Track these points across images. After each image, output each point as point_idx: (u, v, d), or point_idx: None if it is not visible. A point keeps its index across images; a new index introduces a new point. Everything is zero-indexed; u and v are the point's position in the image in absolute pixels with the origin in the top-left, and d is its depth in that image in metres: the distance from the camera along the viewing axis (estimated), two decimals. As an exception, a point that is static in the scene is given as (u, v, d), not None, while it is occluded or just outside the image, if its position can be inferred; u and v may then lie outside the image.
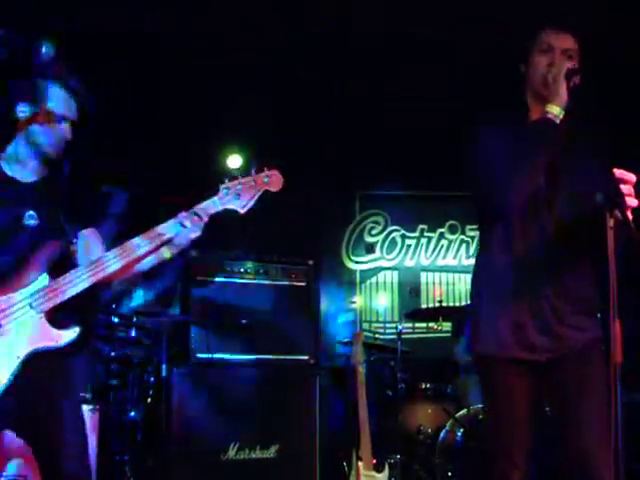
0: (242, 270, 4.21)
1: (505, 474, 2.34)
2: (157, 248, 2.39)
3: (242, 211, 2.44)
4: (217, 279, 4.14)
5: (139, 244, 2.34)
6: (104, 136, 5.09)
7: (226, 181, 2.44)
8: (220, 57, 4.92)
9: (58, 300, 2.27)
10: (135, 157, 5.47)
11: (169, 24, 4.61)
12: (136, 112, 5.21)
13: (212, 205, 2.41)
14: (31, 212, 2.40)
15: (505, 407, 2.38)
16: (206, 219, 2.40)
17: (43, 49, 2.28)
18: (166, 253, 2.46)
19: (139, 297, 5.56)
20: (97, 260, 2.32)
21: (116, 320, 4.31)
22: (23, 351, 2.23)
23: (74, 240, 2.45)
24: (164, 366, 4.10)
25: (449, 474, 4.44)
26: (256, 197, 2.46)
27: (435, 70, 4.97)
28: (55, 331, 2.27)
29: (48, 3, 4.20)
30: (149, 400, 4.30)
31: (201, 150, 5.75)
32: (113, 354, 4.30)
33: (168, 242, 2.40)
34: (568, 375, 2.33)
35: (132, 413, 4.20)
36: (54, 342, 2.26)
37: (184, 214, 2.39)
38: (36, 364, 2.25)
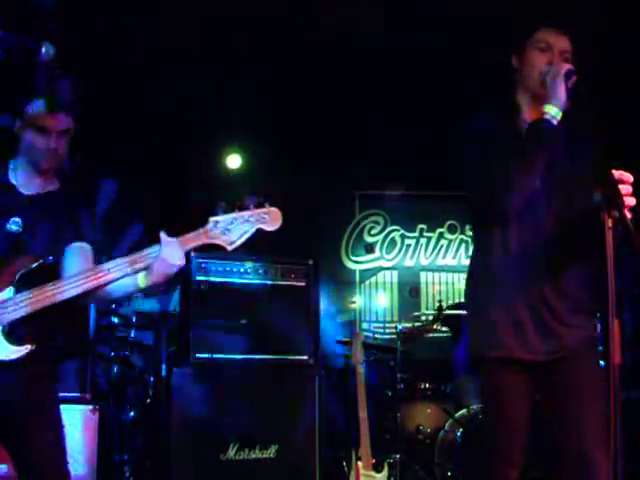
0: (242, 270, 4.20)
1: (504, 474, 2.35)
2: (134, 272, 2.26)
3: (229, 248, 2.26)
4: (217, 279, 4.13)
5: (111, 267, 2.24)
6: (103, 136, 5.10)
7: (219, 213, 2.27)
8: (220, 57, 4.92)
9: (16, 315, 2.24)
10: (135, 157, 5.47)
11: (170, 24, 4.61)
12: (136, 112, 5.22)
13: (195, 238, 2.25)
14: (16, 219, 2.39)
15: (504, 407, 2.38)
16: (183, 251, 2.23)
17: (43, 49, 2.27)
18: (141, 280, 2.30)
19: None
20: (60, 281, 2.27)
21: (116, 320, 4.31)
22: None
23: (49, 258, 2.38)
24: (164, 366, 4.11)
25: (448, 474, 4.44)
26: (248, 235, 2.28)
27: (435, 70, 4.97)
28: (7, 345, 2.25)
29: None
30: (149, 400, 4.31)
31: (201, 150, 5.76)
32: (113, 354, 4.30)
33: (145, 268, 2.26)
34: (565, 376, 2.33)
35: (132, 413, 4.21)
36: (4, 356, 2.25)
37: (161, 245, 2.23)
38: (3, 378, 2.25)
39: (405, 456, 4.52)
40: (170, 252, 2.22)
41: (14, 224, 2.39)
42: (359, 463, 4.00)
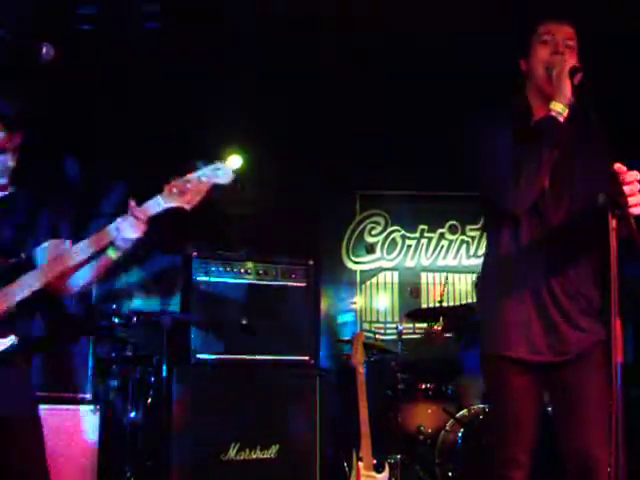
0: (242, 270, 4.21)
1: (510, 475, 2.33)
2: (99, 252, 2.35)
3: (188, 207, 2.34)
4: (217, 279, 4.13)
5: (81, 248, 2.32)
6: (102, 135, 5.11)
7: (175, 179, 2.37)
8: (220, 57, 4.92)
9: None
10: (135, 157, 5.46)
11: (169, 23, 4.61)
12: (136, 112, 5.21)
13: (153, 205, 2.34)
14: None
15: (511, 407, 2.37)
16: (144, 219, 2.32)
17: (43, 50, 2.26)
18: (111, 253, 2.39)
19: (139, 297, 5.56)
20: (40, 268, 2.33)
21: (116, 320, 4.31)
22: None
23: (21, 255, 2.41)
24: (164, 366, 4.10)
25: (449, 474, 4.44)
26: (204, 192, 2.35)
27: (435, 70, 4.97)
28: None
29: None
30: (149, 400, 4.30)
31: (201, 150, 5.75)
32: (113, 354, 4.30)
33: (110, 244, 2.35)
34: (570, 378, 2.32)
35: (132, 413, 4.20)
36: None
37: (121, 218, 2.33)
38: None
39: (406, 456, 4.51)
40: (126, 228, 2.30)
41: None
42: (360, 463, 4.00)
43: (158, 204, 2.34)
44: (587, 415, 2.27)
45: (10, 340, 2.30)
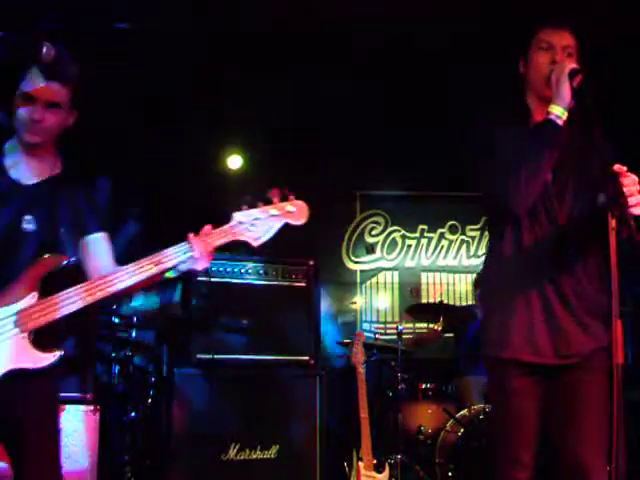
0: (242, 270, 4.21)
1: (516, 476, 2.33)
2: (159, 272, 2.21)
3: (255, 244, 2.20)
4: (217, 279, 4.13)
5: (135, 269, 2.19)
6: (103, 133, 5.10)
7: (243, 207, 2.22)
8: (220, 57, 4.92)
9: (43, 321, 2.17)
10: (134, 157, 5.47)
11: (169, 24, 4.61)
12: (135, 111, 5.21)
13: (221, 235, 2.21)
14: (29, 216, 2.29)
15: (514, 409, 2.36)
16: (212, 251, 2.20)
17: (44, 50, 2.26)
18: (168, 274, 2.25)
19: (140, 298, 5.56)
20: (94, 281, 2.21)
21: (117, 321, 4.31)
22: (1, 369, 2.14)
23: (71, 259, 2.29)
24: (164, 366, 4.10)
25: (449, 474, 4.44)
26: (274, 230, 2.23)
27: (436, 70, 4.97)
28: (36, 352, 2.18)
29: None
30: (149, 400, 4.31)
31: (201, 150, 5.75)
32: (114, 355, 4.30)
33: (172, 268, 2.21)
34: (571, 384, 2.32)
35: (132, 413, 4.20)
36: (32, 364, 2.18)
37: (194, 240, 2.18)
38: (13, 382, 2.17)
39: (406, 456, 4.51)
40: (201, 253, 2.18)
41: (29, 223, 2.28)
42: (360, 463, 4.00)
43: (225, 236, 2.22)
44: (584, 423, 2.27)
45: (54, 356, 2.19)
